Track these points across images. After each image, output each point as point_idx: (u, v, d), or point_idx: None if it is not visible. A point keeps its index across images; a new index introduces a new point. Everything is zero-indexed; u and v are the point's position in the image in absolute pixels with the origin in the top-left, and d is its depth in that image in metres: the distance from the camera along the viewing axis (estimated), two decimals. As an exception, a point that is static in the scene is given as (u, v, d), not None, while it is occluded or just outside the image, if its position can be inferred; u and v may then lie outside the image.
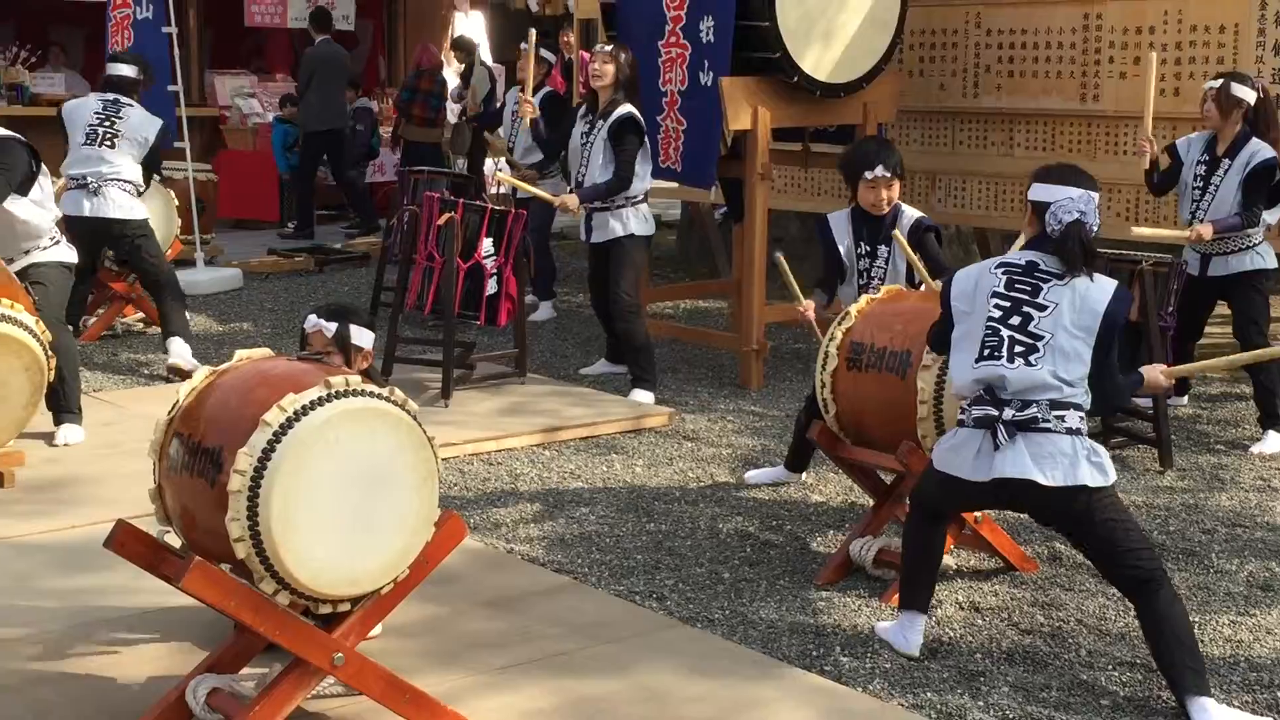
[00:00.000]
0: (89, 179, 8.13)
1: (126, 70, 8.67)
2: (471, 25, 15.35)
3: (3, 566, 5.23)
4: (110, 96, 8.42)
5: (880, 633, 4.80)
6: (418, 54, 14.12)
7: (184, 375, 8.67)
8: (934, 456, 4.63)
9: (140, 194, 8.41)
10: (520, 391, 7.90)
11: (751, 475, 6.57)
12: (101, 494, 6.03)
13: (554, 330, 9.93)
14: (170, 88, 11.74)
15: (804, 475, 6.53)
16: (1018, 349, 4.34)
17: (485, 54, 15.41)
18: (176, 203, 9.63)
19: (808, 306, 6.13)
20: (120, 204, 8.20)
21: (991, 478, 4.33)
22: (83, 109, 8.43)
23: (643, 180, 7.92)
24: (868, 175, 6.08)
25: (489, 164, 14.38)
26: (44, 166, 6.79)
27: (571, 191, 8.05)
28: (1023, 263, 4.51)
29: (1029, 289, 4.42)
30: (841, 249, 6.27)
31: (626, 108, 7.76)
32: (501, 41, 17.75)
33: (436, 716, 3.96)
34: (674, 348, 9.15)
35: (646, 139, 7.90)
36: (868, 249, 6.23)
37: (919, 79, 9.10)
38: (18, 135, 6.66)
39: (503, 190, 13.34)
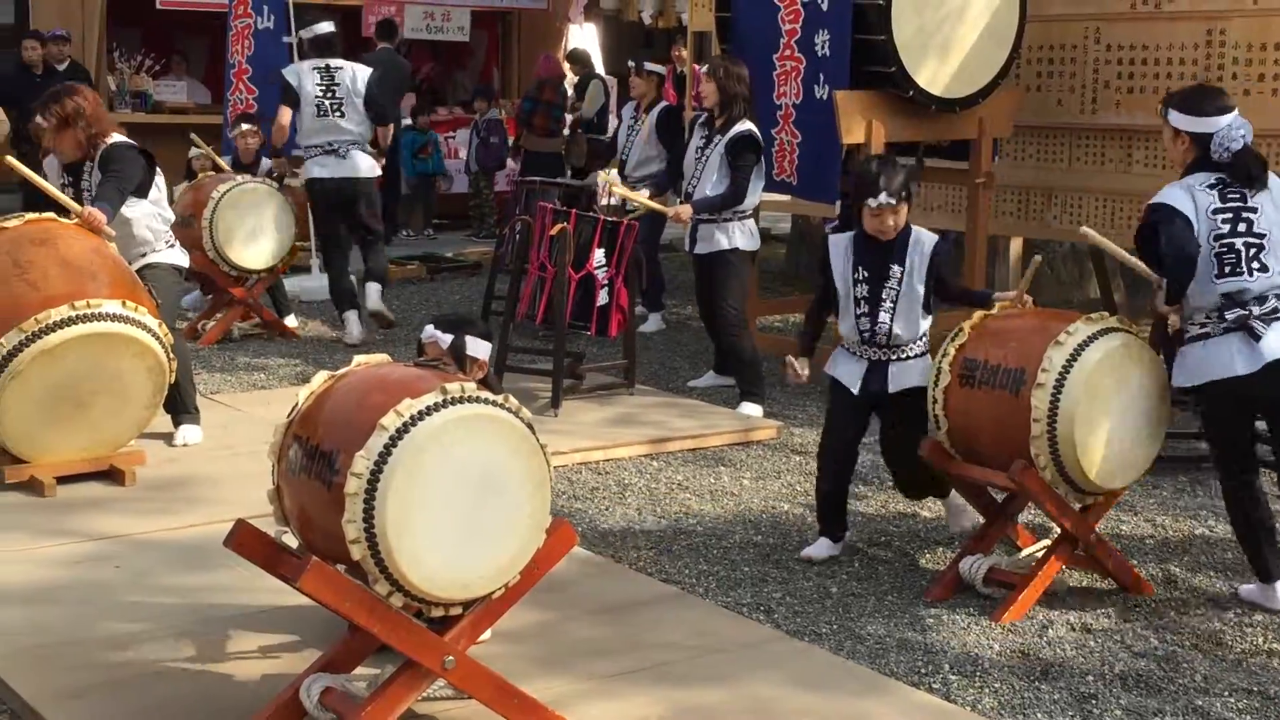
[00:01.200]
0: (334, 144, 9.38)
1: (326, 27, 9.72)
2: (586, 37, 15.43)
3: (124, 563, 5.33)
4: (321, 64, 9.40)
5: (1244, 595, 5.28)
6: (540, 64, 14.22)
7: (387, 323, 9.57)
8: (1199, 371, 5.11)
9: (381, 151, 9.98)
10: (629, 402, 7.93)
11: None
12: (219, 494, 6.12)
13: (662, 342, 9.95)
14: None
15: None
16: (1252, 259, 4.99)
17: (599, 65, 15.49)
18: (295, 209, 9.76)
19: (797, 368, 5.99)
20: (360, 165, 9.49)
21: (1264, 363, 4.94)
22: (306, 81, 9.37)
23: (753, 195, 7.93)
24: (871, 204, 5.52)
25: (601, 175, 14.46)
26: (159, 172, 6.96)
27: (682, 202, 8.08)
28: (1215, 180, 5.04)
29: (1239, 197, 5.02)
30: (837, 277, 5.72)
31: (745, 124, 7.78)
32: (615, 53, 17.84)
33: (545, 721, 4.00)
34: (779, 362, 9.12)
35: (762, 156, 7.91)
36: (866, 275, 5.63)
37: (1036, 94, 9.00)
38: (133, 142, 6.83)
39: (614, 201, 13.41)
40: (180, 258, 7.12)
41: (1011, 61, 8.37)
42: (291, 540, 4.06)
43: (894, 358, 5.65)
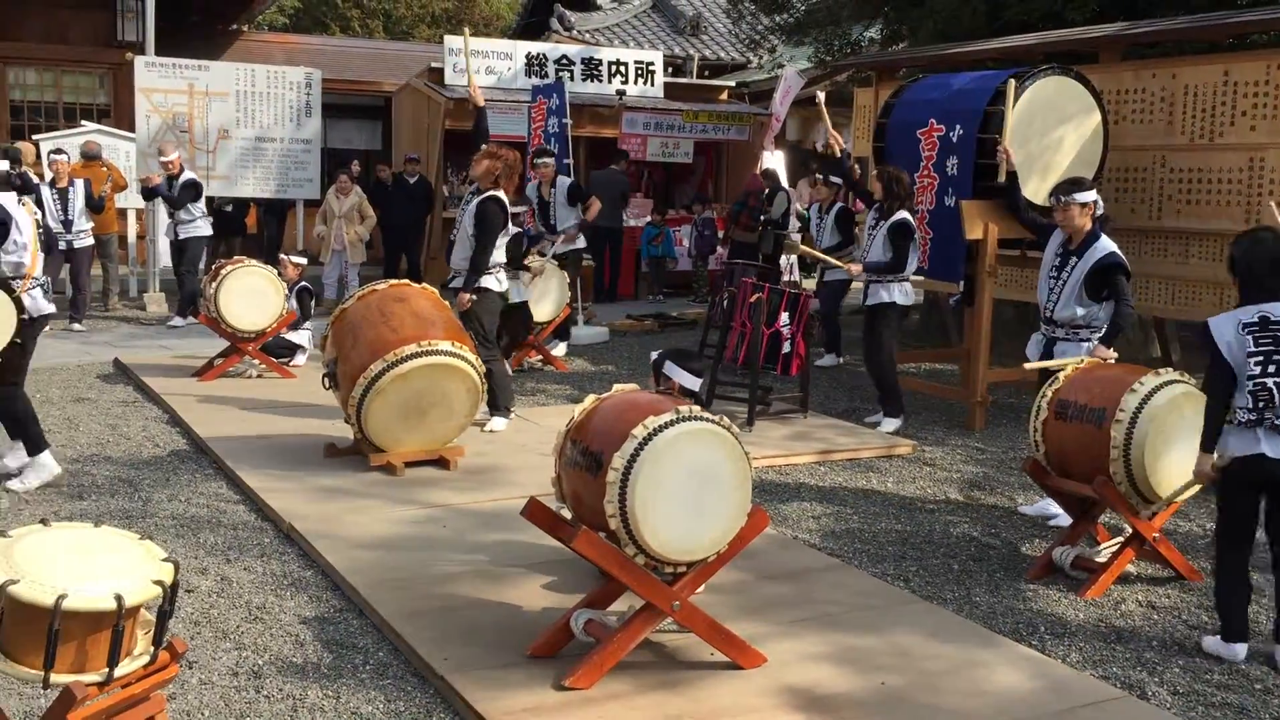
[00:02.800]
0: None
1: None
2: (775, 160, 15.38)
3: (449, 524, 5.45)
4: None
5: (1207, 647, 4.35)
6: (749, 180, 14.23)
7: None
8: (1233, 451, 4.20)
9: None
10: (803, 423, 7.84)
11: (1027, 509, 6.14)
12: (515, 478, 6.20)
13: (829, 379, 9.83)
14: (566, 201, 12.19)
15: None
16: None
17: (784, 180, 15.43)
18: (568, 280, 9.92)
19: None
20: None
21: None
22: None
23: (910, 265, 7.85)
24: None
25: (784, 259, 14.40)
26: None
27: (857, 262, 8.08)
28: (1257, 319, 4.18)
29: (1271, 341, 4.14)
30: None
31: (903, 213, 7.73)
32: (794, 171, 17.78)
33: (743, 652, 3.97)
34: (916, 398, 8.93)
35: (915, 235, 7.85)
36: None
37: (1113, 204, 8.64)
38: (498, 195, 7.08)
39: (794, 278, 13.35)
40: (496, 284, 7.20)
41: (1097, 179, 8.06)
42: (567, 513, 4.13)
43: None
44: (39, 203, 10.95)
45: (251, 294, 8.62)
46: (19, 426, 5.97)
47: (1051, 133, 7.78)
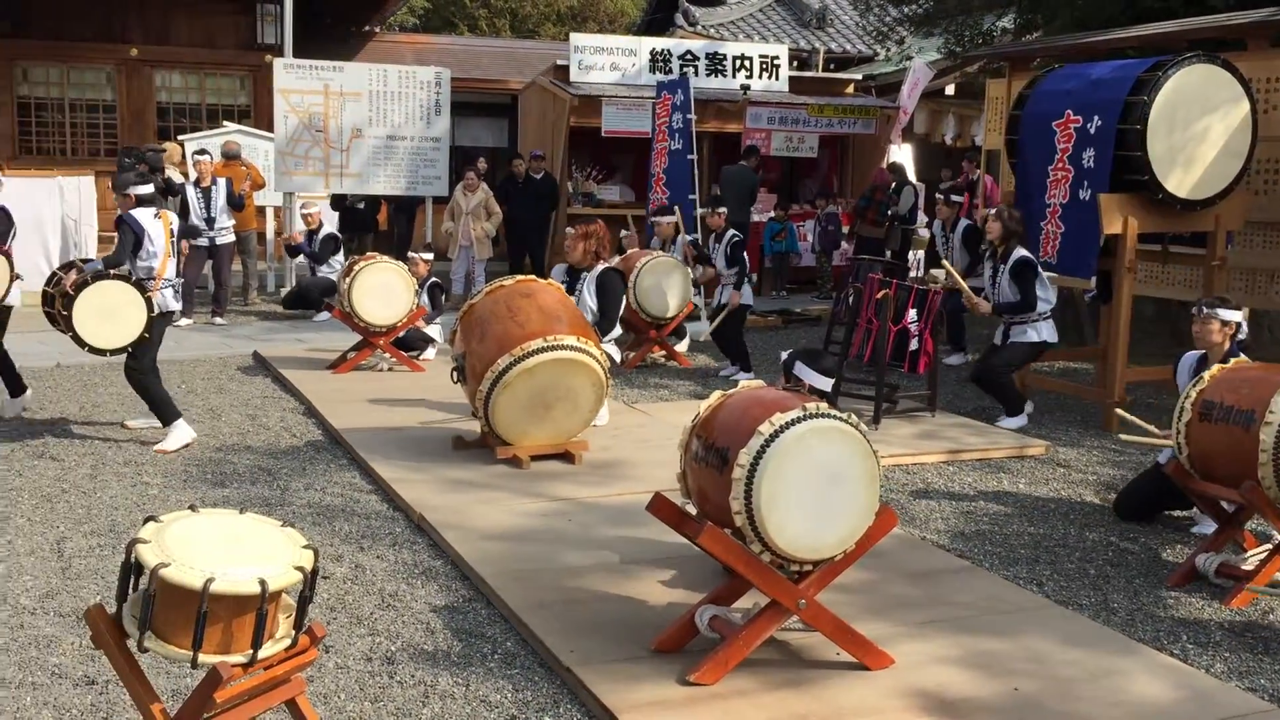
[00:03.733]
0: None
1: None
2: (902, 154, 15.14)
3: (575, 517, 5.50)
4: None
5: None
6: (875, 175, 14.05)
7: None
8: None
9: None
10: (931, 422, 7.70)
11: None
12: (639, 473, 6.23)
13: (957, 377, 9.64)
14: (690, 196, 12.22)
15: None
16: None
17: (911, 175, 15.18)
18: (692, 276, 9.94)
19: None
20: None
21: None
22: None
23: (1046, 301, 7.77)
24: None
25: (911, 255, 14.17)
26: None
27: (987, 299, 7.93)
28: None
29: None
30: None
31: (1021, 252, 7.72)
32: (923, 164, 17.46)
33: (870, 653, 3.92)
34: (1050, 398, 8.70)
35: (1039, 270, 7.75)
36: None
37: (1264, 196, 8.26)
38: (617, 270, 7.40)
39: (919, 273, 13.13)
40: (616, 354, 7.52)
41: (1244, 171, 7.73)
42: (692, 509, 4.13)
43: None
44: (184, 202, 11.45)
45: (383, 290, 8.83)
46: (152, 401, 6.72)
47: (1196, 124, 7.49)
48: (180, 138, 14.48)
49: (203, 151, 11.89)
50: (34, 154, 16.25)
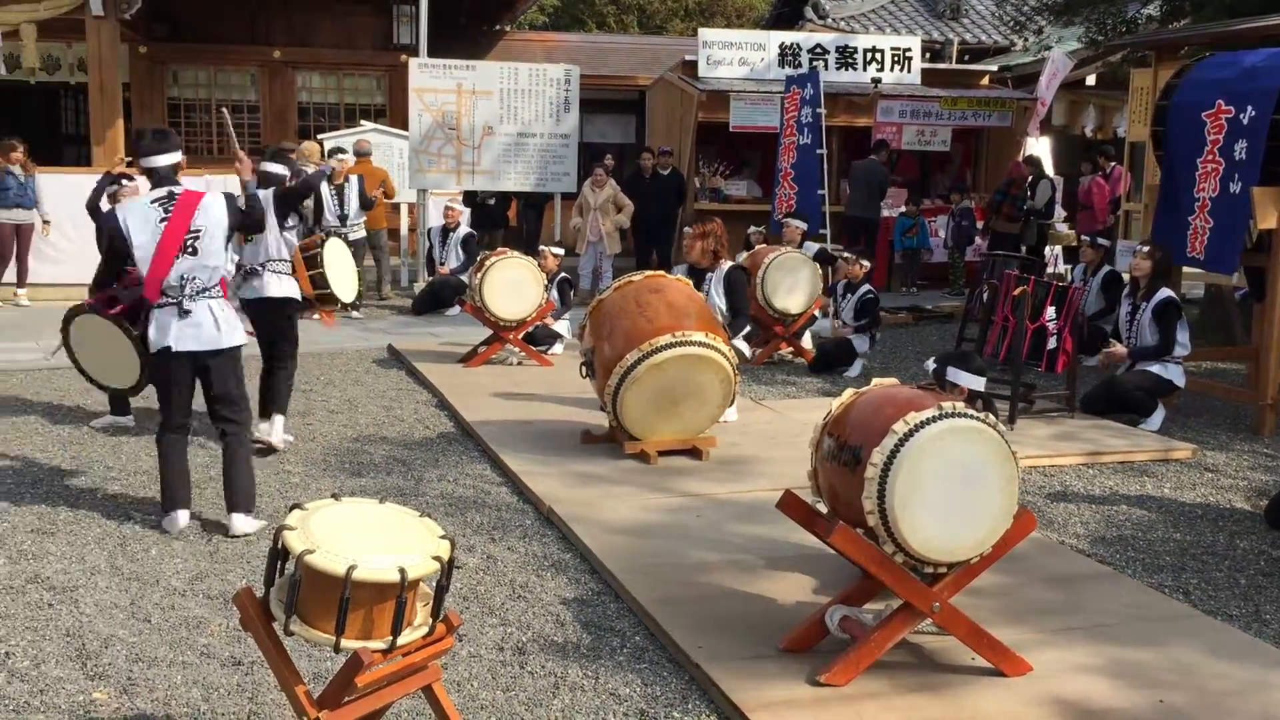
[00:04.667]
0: None
1: None
2: (1040, 146, 14.71)
3: (703, 513, 5.49)
4: None
5: None
6: (1011, 168, 13.70)
7: None
8: None
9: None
10: (1069, 423, 7.47)
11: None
12: (768, 470, 6.20)
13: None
14: (819, 192, 12.10)
15: None
16: None
17: (1049, 168, 14.75)
18: (820, 273, 9.83)
19: None
20: None
21: None
22: None
23: (1183, 346, 7.60)
24: None
25: (1048, 250, 13.78)
26: None
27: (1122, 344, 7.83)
28: None
29: None
30: None
31: (1167, 292, 7.57)
32: (1061, 157, 16.94)
33: (1007, 659, 3.83)
34: (1198, 399, 8.36)
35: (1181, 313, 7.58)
36: None
37: None
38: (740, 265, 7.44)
39: (1057, 269, 12.75)
40: (748, 351, 7.62)
41: None
42: (822, 508, 4.09)
43: None
44: (318, 199, 11.78)
45: (513, 285, 8.96)
46: (283, 398, 6.69)
47: (1360, 112, 7.11)
48: (319, 136, 14.93)
49: (339, 150, 12.24)
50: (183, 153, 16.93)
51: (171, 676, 3.81)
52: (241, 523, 5.15)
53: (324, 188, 11.78)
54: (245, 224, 5.55)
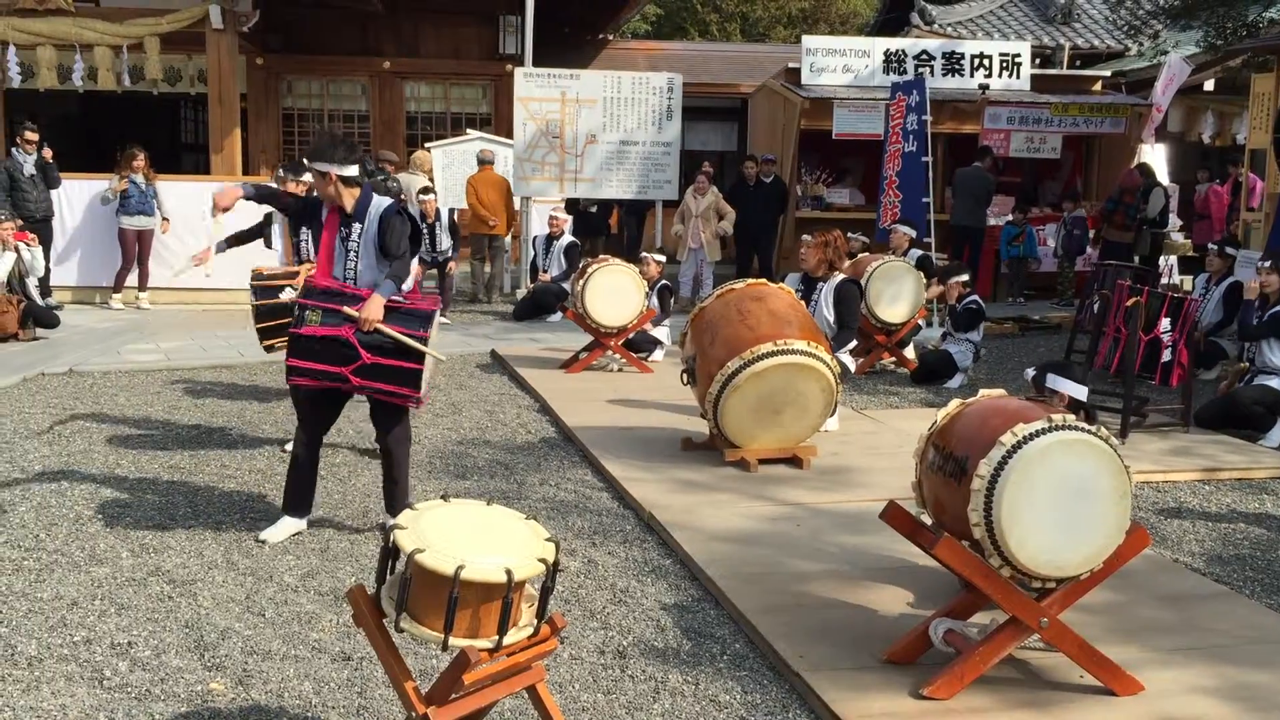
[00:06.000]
0: None
1: None
2: (1155, 153, 14.32)
3: (803, 523, 5.48)
4: None
5: None
6: (1124, 175, 13.38)
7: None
8: None
9: None
10: (1184, 438, 7.27)
11: None
12: (870, 480, 6.15)
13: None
14: (924, 200, 11.96)
15: None
16: None
17: (1164, 176, 14.36)
18: (924, 281, 9.71)
19: None
20: None
21: None
22: None
23: None
24: None
25: (1163, 260, 13.41)
26: None
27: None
28: None
29: None
30: None
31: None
32: (1178, 165, 16.47)
33: (1118, 677, 3.75)
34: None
35: None
36: None
37: None
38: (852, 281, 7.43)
39: (1172, 280, 12.39)
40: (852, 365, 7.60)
41: None
42: (926, 519, 4.05)
43: None
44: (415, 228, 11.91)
45: (615, 292, 9.03)
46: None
47: None
48: (427, 145, 15.22)
49: (428, 190, 12.31)
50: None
51: (285, 669, 3.93)
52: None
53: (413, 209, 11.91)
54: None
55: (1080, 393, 4.34)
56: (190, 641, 4.13)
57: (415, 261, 6.70)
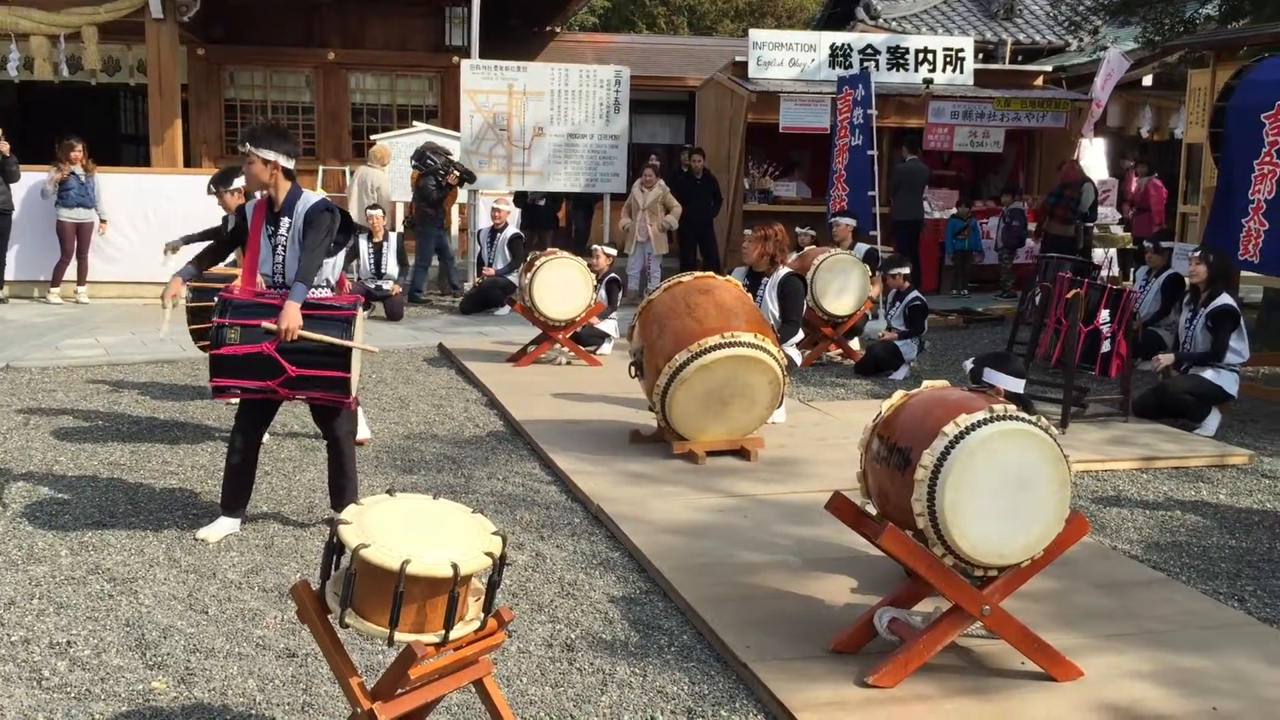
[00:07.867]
0: None
1: None
2: (1095, 147, 14.54)
3: (750, 514, 5.49)
4: None
5: None
6: (1066, 170, 13.56)
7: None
8: None
9: None
10: (1122, 427, 7.39)
11: None
12: (816, 471, 6.19)
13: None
14: (870, 193, 12.05)
15: None
16: None
17: (1104, 169, 14.58)
18: (870, 274, 9.79)
19: None
20: None
21: None
22: None
23: (1238, 354, 7.51)
24: None
25: (1098, 253, 13.62)
26: None
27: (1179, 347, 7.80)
28: None
29: None
30: None
31: (1226, 300, 7.50)
32: (1115, 159, 16.74)
33: (1058, 664, 3.80)
34: (1255, 405, 8.23)
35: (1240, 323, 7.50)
36: None
37: None
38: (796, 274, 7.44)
39: (1112, 272, 12.59)
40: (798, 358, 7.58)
41: None
42: (871, 509, 4.08)
43: None
44: (354, 251, 11.67)
45: (562, 285, 9.02)
46: None
47: None
48: (373, 137, 15.08)
49: (375, 206, 12.14)
50: (239, 154, 17.18)
51: (228, 667, 3.88)
52: None
53: (362, 244, 11.73)
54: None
55: (1016, 386, 4.40)
56: (131, 640, 4.07)
57: (348, 277, 6.60)
